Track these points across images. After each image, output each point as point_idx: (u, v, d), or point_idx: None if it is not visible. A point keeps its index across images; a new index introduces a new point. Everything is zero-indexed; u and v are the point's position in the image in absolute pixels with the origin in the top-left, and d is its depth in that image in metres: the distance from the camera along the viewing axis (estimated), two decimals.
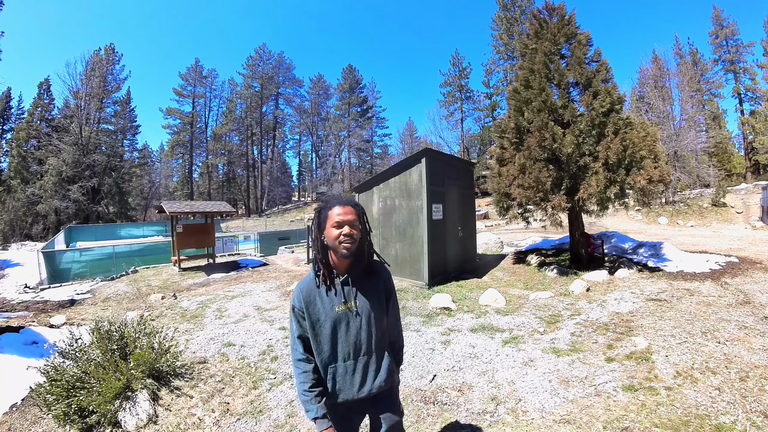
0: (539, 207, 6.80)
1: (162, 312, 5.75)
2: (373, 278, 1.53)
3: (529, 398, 2.86)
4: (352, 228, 1.39)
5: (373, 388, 1.47)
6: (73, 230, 21.34)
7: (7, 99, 34.81)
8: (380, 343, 1.51)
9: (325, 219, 1.43)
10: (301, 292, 1.45)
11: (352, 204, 1.45)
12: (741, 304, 4.60)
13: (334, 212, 1.40)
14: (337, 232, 1.38)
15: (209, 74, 46.35)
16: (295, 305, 1.45)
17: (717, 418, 2.41)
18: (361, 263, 1.50)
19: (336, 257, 1.44)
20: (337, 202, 1.45)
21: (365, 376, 1.47)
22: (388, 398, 1.58)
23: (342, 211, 1.40)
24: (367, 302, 1.48)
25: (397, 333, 1.69)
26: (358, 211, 1.45)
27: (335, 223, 1.39)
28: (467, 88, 40.25)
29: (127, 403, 2.79)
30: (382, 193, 7.37)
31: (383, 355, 1.52)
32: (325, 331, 1.42)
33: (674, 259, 7.07)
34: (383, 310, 1.54)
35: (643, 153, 6.19)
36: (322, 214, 1.45)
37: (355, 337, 1.44)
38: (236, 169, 49.07)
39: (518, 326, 4.42)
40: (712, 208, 17.63)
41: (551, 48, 7.09)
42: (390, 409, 1.57)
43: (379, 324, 1.51)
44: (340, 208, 1.41)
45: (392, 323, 1.62)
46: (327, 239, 1.42)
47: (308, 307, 1.42)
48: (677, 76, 25.64)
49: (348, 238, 1.38)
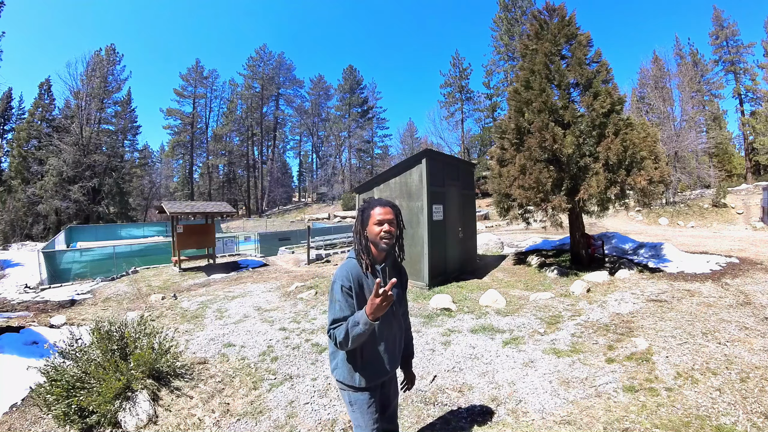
0: (540, 208, 6.80)
1: (162, 312, 5.75)
2: (398, 270, 1.77)
3: (530, 399, 2.85)
4: (391, 226, 1.58)
5: (392, 369, 1.69)
6: (74, 230, 21.35)
7: (8, 99, 34.86)
8: (402, 329, 1.78)
9: (367, 217, 1.61)
10: (349, 272, 1.56)
11: (391, 205, 1.63)
12: (741, 305, 4.59)
13: (376, 212, 1.59)
14: (378, 229, 1.57)
15: (210, 75, 46.47)
16: (344, 284, 1.54)
17: (717, 419, 2.41)
18: (393, 257, 1.72)
19: (376, 250, 1.62)
20: (378, 203, 1.62)
21: (395, 356, 1.70)
22: (394, 378, 1.84)
23: (383, 211, 1.59)
24: (397, 290, 1.67)
25: (408, 323, 1.94)
26: (396, 212, 1.64)
27: (377, 221, 1.57)
28: (468, 89, 40.28)
29: (127, 404, 2.79)
30: (383, 194, 7.37)
31: (403, 339, 1.80)
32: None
33: (675, 260, 7.06)
34: (403, 299, 1.82)
35: (644, 154, 6.19)
36: (365, 213, 1.63)
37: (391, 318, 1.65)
38: (237, 169, 49.11)
39: (518, 327, 4.41)
40: (712, 209, 17.61)
41: (552, 49, 7.09)
42: (396, 385, 1.87)
43: (404, 310, 1.81)
44: (381, 209, 1.59)
45: (404, 313, 1.87)
46: (369, 234, 1.60)
47: (359, 286, 1.55)
48: (678, 77, 25.66)
49: (388, 234, 1.57)
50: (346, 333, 1.44)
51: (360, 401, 1.63)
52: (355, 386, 1.61)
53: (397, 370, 1.81)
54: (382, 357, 1.63)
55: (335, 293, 1.55)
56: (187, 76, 45.17)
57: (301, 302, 6.03)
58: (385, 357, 1.64)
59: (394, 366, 1.72)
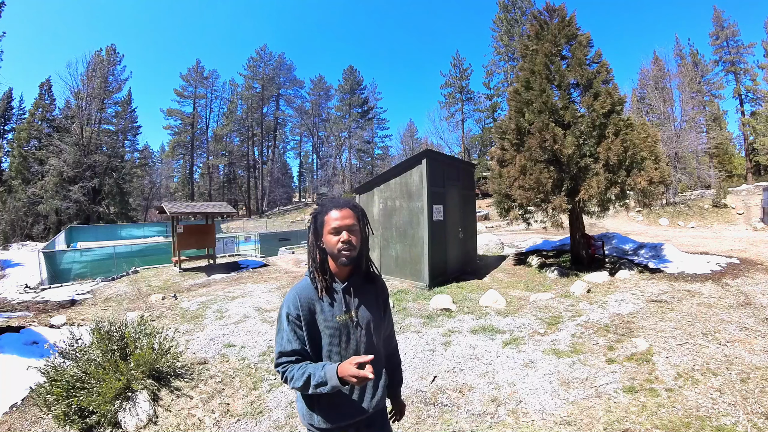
0: (540, 208, 6.80)
1: (162, 312, 5.75)
2: (371, 286, 1.42)
3: (530, 399, 2.85)
4: (351, 234, 1.25)
5: (370, 407, 1.32)
6: (74, 230, 21.34)
7: (9, 99, 34.86)
8: (380, 360, 1.38)
9: (321, 224, 1.29)
10: (298, 297, 1.27)
11: (350, 206, 1.31)
12: (742, 306, 4.59)
13: (331, 217, 1.26)
14: (335, 238, 1.25)
15: (210, 75, 46.46)
16: (290, 312, 1.25)
17: (718, 419, 2.41)
18: (361, 270, 1.37)
19: (335, 265, 1.31)
20: (334, 205, 1.30)
21: (363, 394, 1.31)
22: (381, 419, 1.44)
23: (339, 216, 1.25)
24: (368, 312, 1.35)
25: (395, 346, 1.59)
26: (357, 214, 1.30)
27: (332, 229, 1.25)
28: (468, 90, 40.28)
29: (127, 404, 2.79)
30: (383, 194, 7.37)
31: (381, 370, 1.39)
32: (324, 342, 1.28)
33: (675, 261, 7.06)
34: (381, 320, 1.43)
35: (644, 154, 6.19)
36: (318, 219, 1.31)
37: (354, 350, 1.30)
38: (237, 169, 49.12)
39: (519, 327, 4.41)
40: (712, 210, 17.61)
41: (552, 49, 7.09)
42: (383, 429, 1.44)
43: (378, 336, 1.39)
44: (338, 212, 1.26)
45: (388, 336, 1.52)
46: (326, 246, 1.28)
47: (309, 315, 1.27)
48: (678, 77, 25.66)
49: (347, 245, 1.24)
50: (305, 385, 1.18)
51: None
52: (315, 427, 1.29)
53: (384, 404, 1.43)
54: (350, 393, 1.28)
55: (282, 321, 1.27)
56: (188, 77, 45.19)
57: None
58: (355, 393, 1.29)
59: (375, 403, 1.32)
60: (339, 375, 1.13)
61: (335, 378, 1.14)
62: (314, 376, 1.17)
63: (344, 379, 1.13)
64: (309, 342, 1.27)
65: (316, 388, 1.17)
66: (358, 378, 1.11)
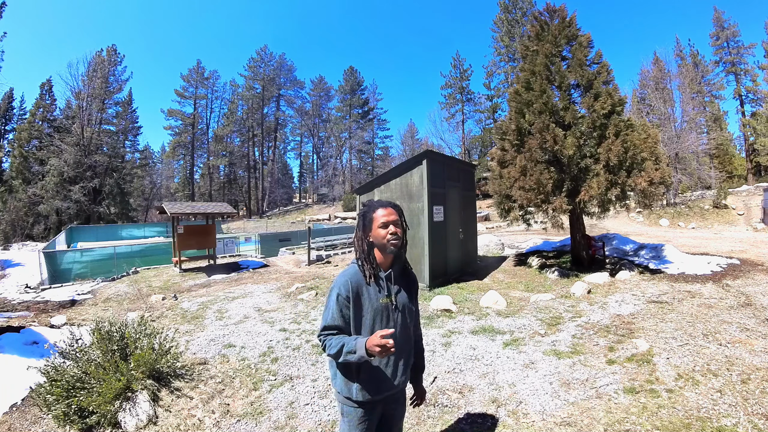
0: (540, 209, 6.79)
1: (163, 313, 5.75)
2: (407, 277, 1.65)
3: (530, 400, 2.85)
4: (397, 227, 1.49)
5: (400, 383, 1.55)
6: (75, 231, 21.35)
7: (10, 99, 34.97)
8: (410, 340, 1.62)
9: (370, 221, 1.52)
10: (349, 281, 1.47)
11: (393, 205, 1.55)
12: (742, 306, 4.58)
13: (379, 213, 1.50)
14: (384, 231, 1.48)
15: (211, 75, 46.54)
16: (341, 293, 1.45)
17: (718, 420, 2.40)
18: (401, 260, 1.61)
19: (383, 255, 1.53)
20: (380, 204, 1.54)
21: (396, 371, 1.53)
22: (402, 397, 1.69)
23: (386, 212, 1.50)
24: (406, 298, 1.59)
25: (419, 334, 1.79)
26: (398, 211, 1.55)
27: (381, 223, 1.49)
28: (468, 90, 40.35)
29: (127, 404, 2.79)
30: (383, 195, 7.37)
31: (411, 351, 1.63)
32: (367, 321, 1.48)
33: (675, 261, 7.05)
34: (414, 308, 1.67)
35: (644, 155, 6.19)
36: (366, 216, 1.54)
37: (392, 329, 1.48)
38: (237, 170, 49.17)
39: (519, 328, 4.41)
40: (713, 210, 17.59)
41: (552, 50, 7.09)
42: (403, 406, 1.70)
43: (412, 321, 1.63)
44: (384, 210, 1.51)
45: (416, 324, 1.73)
46: (374, 239, 1.51)
47: (357, 297, 1.46)
48: (678, 78, 25.68)
49: (394, 236, 1.48)
50: (338, 352, 1.38)
51: (351, 414, 1.51)
52: (352, 399, 1.49)
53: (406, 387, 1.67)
54: (385, 369, 1.50)
55: (331, 300, 1.48)
56: (188, 77, 45.27)
57: (301, 303, 6.02)
58: (388, 369, 1.51)
59: (403, 380, 1.57)
60: (366, 346, 1.31)
61: (363, 348, 1.32)
62: (347, 345, 1.37)
63: (370, 350, 1.30)
64: (353, 319, 1.47)
65: (347, 356, 1.37)
66: (381, 347, 1.27)
